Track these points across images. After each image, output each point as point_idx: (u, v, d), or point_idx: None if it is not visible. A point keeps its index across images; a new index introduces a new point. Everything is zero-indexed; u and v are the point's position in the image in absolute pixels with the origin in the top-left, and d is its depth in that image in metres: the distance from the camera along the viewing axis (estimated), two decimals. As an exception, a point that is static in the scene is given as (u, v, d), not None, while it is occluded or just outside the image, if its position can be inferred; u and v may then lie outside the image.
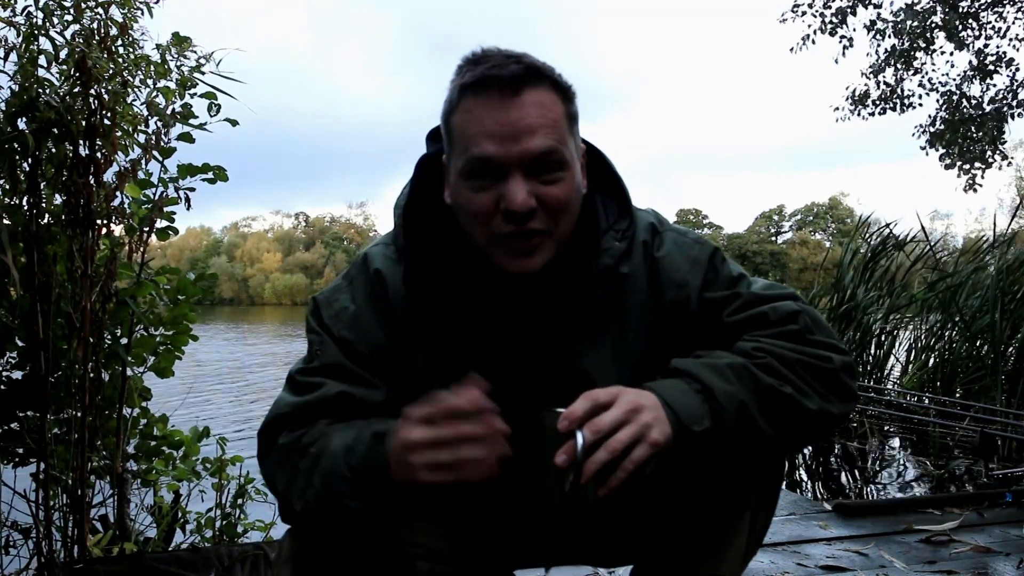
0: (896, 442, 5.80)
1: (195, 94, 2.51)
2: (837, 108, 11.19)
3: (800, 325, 1.04)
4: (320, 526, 0.98)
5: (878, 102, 10.91)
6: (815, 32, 10.62)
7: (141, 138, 2.46)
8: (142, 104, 2.45)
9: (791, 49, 10.89)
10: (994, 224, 6.89)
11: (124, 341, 2.53)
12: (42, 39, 2.23)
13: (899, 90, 10.77)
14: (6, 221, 2.26)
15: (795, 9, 10.71)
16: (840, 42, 10.61)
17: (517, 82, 0.96)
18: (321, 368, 1.05)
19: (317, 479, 0.95)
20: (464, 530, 1.10)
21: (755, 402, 0.96)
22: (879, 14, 10.51)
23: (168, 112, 2.48)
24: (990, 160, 10.73)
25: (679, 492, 1.06)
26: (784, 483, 4.67)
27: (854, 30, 10.58)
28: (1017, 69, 10.31)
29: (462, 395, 0.90)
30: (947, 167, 10.88)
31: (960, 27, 10.03)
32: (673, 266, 1.10)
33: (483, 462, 0.89)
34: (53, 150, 2.28)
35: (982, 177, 10.82)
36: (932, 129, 10.78)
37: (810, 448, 5.54)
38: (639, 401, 0.92)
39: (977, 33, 10.25)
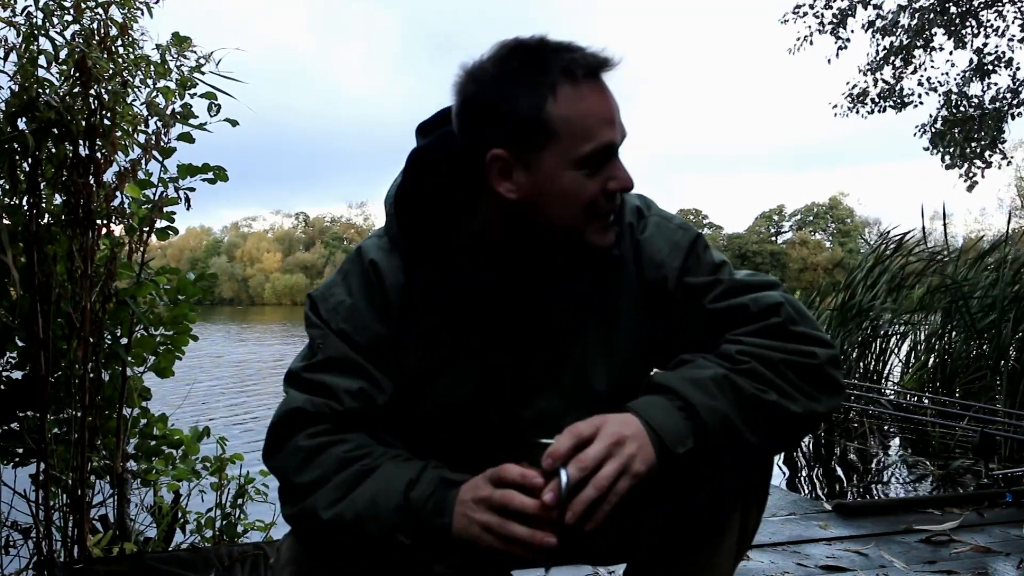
0: (896, 442, 5.80)
1: (195, 94, 2.51)
2: (836, 105, 11.20)
3: (783, 317, 1.04)
4: (343, 541, 0.97)
5: (877, 100, 10.90)
6: (812, 32, 10.60)
7: (141, 138, 2.47)
8: (142, 104, 2.45)
9: (789, 50, 10.88)
10: (1009, 225, 6.89)
11: (124, 341, 2.53)
12: (42, 39, 2.23)
13: (897, 88, 10.75)
14: (6, 221, 2.26)
15: (796, 10, 10.69)
16: (836, 43, 10.60)
17: (610, 68, 1.00)
18: (327, 362, 1.05)
19: (361, 497, 0.95)
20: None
21: (738, 414, 0.96)
22: (879, 14, 10.50)
23: (168, 112, 2.48)
24: (990, 159, 10.72)
25: (666, 500, 1.06)
26: (784, 483, 4.66)
27: (852, 31, 10.57)
28: (1018, 68, 10.30)
29: (527, 472, 0.90)
30: (948, 167, 10.87)
31: (959, 24, 10.02)
32: (654, 248, 1.10)
33: (526, 544, 0.88)
34: (53, 150, 2.28)
35: (982, 176, 10.82)
36: (933, 129, 10.77)
37: (810, 448, 5.54)
38: (621, 432, 0.92)
39: (976, 31, 10.24)
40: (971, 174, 10.79)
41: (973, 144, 10.52)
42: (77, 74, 2.24)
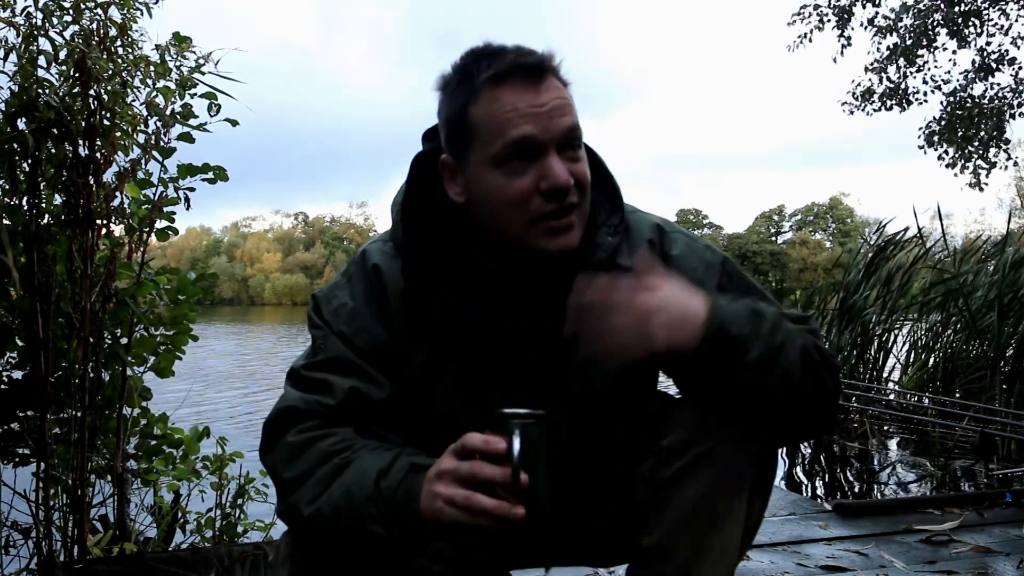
0: (896, 442, 5.80)
1: (195, 94, 2.51)
2: (845, 103, 11.19)
3: (811, 328, 1.08)
4: (326, 536, 0.97)
5: (882, 98, 10.89)
6: (812, 31, 10.59)
7: (141, 138, 2.47)
8: (142, 104, 2.45)
9: (788, 47, 10.89)
10: (1009, 224, 6.87)
11: (124, 341, 2.53)
12: (42, 39, 2.23)
13: (902, 87, 10.73)
14: (6, 221, 2.26)
15: (802, 11, 10.68)
16: (839, 41, 10.60)
17: (542, 68, 0.99)
18: (326, 361, 1.05)
19: (337, 490, 0.95)
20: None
21: (787, 350, 0.98)
22: (878, 12, 10.50)
23: (168, 112, 2.48)
24: (993, 159, 10.69)
25: (673, 485, 1.05)
26: (784, 482, 4.65)
27: (852, 29, 10.57)
28: (1020, 67, 10.28)
29: (490, 438, 0.88)
30: (948, 166, 10.84)
31: (961, 24, 10.00)
32: (689, 266, 1.11)
33: (492, 514, 0.86)
34: (53, 150, 2.28)
35: (987, 176, 10.79)
36: (933, 127, 10.75)
37: (810, 448, 5.54)
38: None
39: (980, 30, 10.22)
40: (976, 175, 10.77)
41: (976, 144, 10.50)
42: (77, 74, 2.24)
